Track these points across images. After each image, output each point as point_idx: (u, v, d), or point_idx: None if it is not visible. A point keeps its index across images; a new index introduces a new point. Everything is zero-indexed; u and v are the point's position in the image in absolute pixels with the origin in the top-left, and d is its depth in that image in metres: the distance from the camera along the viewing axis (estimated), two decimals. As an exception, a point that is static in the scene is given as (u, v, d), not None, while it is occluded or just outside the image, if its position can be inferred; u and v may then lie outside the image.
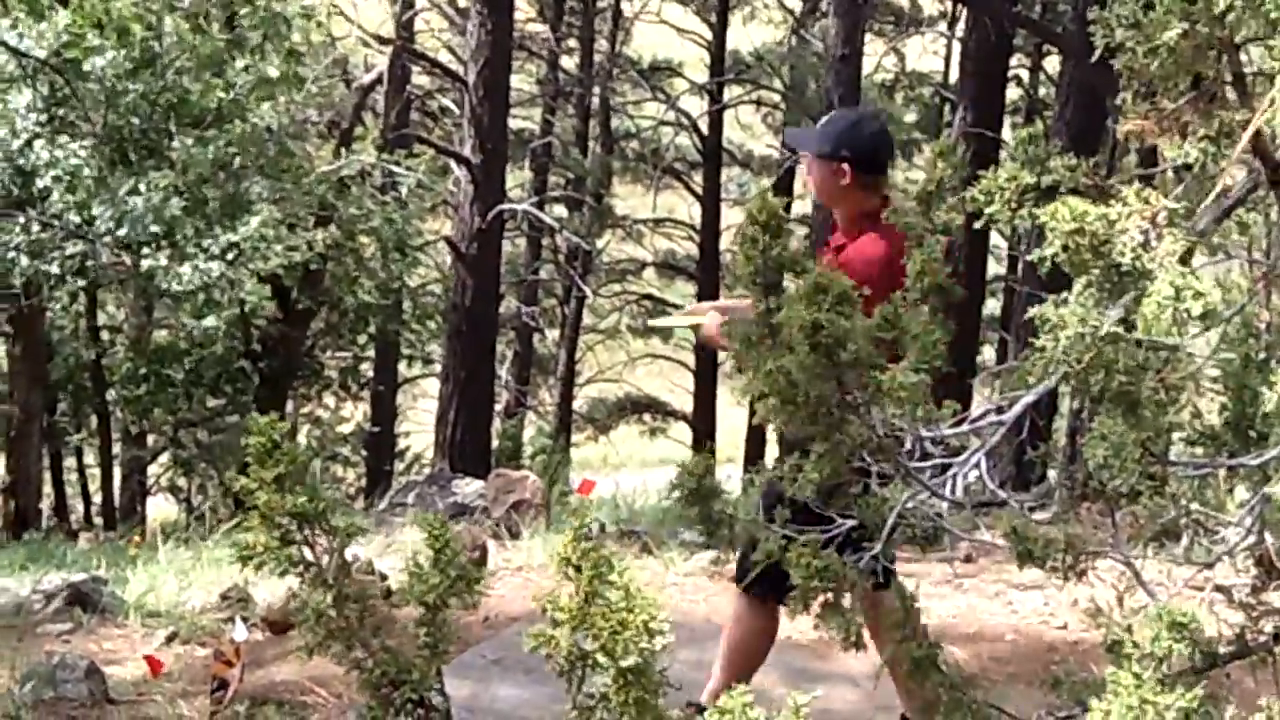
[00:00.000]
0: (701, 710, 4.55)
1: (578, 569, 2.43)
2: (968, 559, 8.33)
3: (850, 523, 4.17)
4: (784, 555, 4.23)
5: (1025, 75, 28.04)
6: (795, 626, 6.60)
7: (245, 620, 6.95)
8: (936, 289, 3.81)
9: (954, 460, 3.93)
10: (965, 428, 4.02)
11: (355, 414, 23.88)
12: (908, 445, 3.90)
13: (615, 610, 2.39)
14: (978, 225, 3.47)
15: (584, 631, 2.40)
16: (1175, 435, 3.26)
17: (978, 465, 3.88)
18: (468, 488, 11.52)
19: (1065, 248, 2.89)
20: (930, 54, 29.66)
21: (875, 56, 26.66)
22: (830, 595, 3.71)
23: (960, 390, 13.33)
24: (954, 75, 24.67)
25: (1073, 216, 2.86)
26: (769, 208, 3.33)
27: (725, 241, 26.99)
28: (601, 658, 2.38)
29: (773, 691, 4.78)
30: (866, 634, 4.09)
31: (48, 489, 18.87)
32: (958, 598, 7.70)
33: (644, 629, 2.38)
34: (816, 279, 3.29)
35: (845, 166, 4.98)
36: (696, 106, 28.84)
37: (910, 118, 30.45)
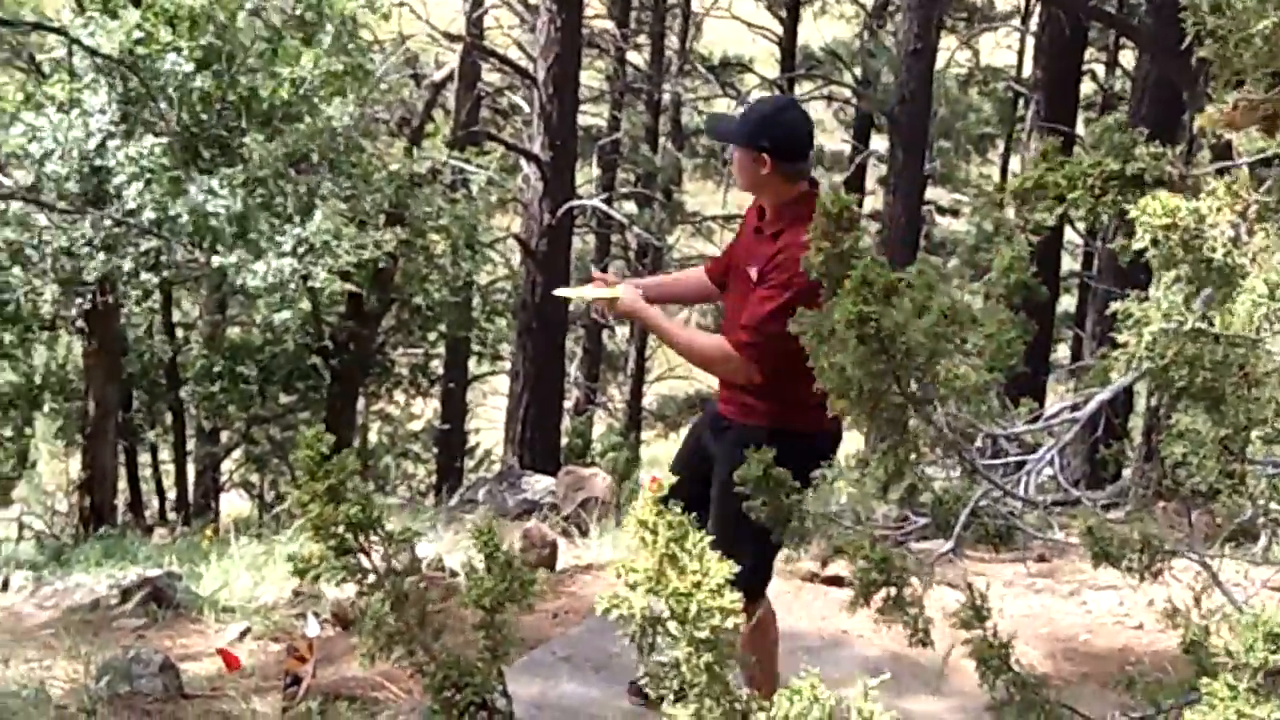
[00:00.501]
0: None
1: (654, 532, 2.42)
2: (1041, 559, 8.25)
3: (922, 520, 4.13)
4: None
5: (1100, 70, 27.78)
6: (864, 625, 6.57)
7: (317, 616, 6.98)
8: (1021, 287, 3.76)
9: (1027, 458, 3.89)
10: (1039, 425, 3.97)
11: (425, 411, 24.00)
12: (978, 442, 3.86)
13: (689, 574, 2.37)
14: (1058, 213, 3.43)
15: (658, 595, 2.39)
16: (1253, 434, 3.21)
17: (1051, 463, 3.84)
18: (537, 485, 11.54)
19: (1155, 241, 2.85)
20: (1004, 48, 29.45)
21: (948, 51, 26.49)
22: (892, 589, 3.67)
23: (1034, 388, 13.24)
24: (1028, 70, 24.47)
25: (1165, 211, 2.81)
26: (841, 201, 3.29)
27: (796, 238, 26.84)
28: (674, 626, 2.36)
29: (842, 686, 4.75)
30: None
31: (123, 485, 19.04)
32: (1031, 597, 7.63)
33: (717, 593, 2.36)
34: (864, 271, 3.25)
35: (765, 155, 4.98)
36: (767, 102, 28.72)
37: (985, 112, 30.24)
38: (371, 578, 3.14)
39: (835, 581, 7.46)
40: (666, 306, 5.69)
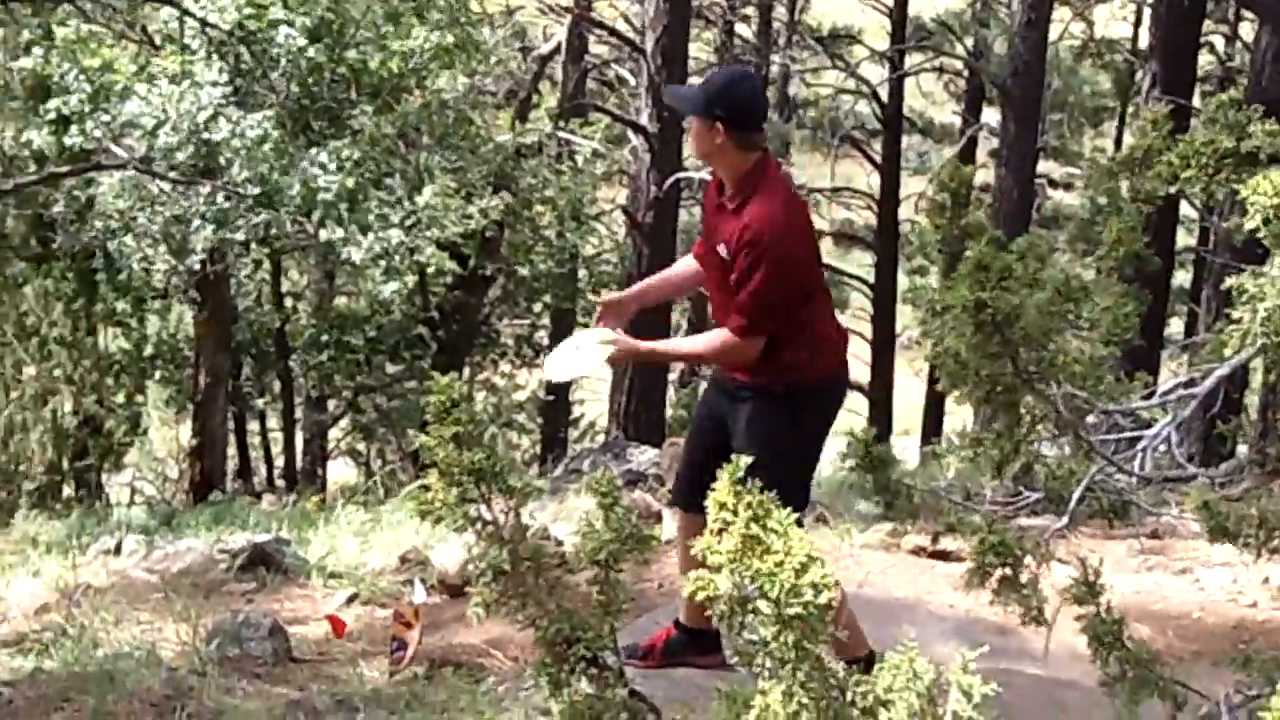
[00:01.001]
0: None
1: (734, 513, 2.41)
2: (1154, 535, 8.15)
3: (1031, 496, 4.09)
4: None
5: (1219, 42, 27.30)
6: (970, 600, 6.52)
7: (424, 583, 7.02)
8: (1133, 258, 3.71)
9: (1142, 434, 3.84)
10: (1154, 401, 3.92)
11: (530, 382, 24.05)
12: (1092, 418, 3.81)
13: (771, 553, 2.36)
14: (1171, 190, 3.38)
15: (743, 575, 2.38)
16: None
17: (1166, 439, 3.79)
18: (642, 456, 11.54)
19: (1266, 220, 2.79)
20: (1119, 19, 28.99)
21: (1062, 22, 26.13)
22: (1008, 570, 3.65)
23: (1148, 363, 13.03)
24: (1144, 41, 24.08)
25: (1276, 190, 2.76)
26: (959, 175, 3.26)
27: (905, 211, 26.68)
28: (763, 605, 2.35)
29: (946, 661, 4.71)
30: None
31: (232, 452, 19.27)
32: (1143, 574, 7.54)
33: (801, 570, 2.34)
34: (979, 256, 3.22)
35: (719, 125, 5.01)
36: (876, 74, 28.48)
37: (1099, 84, 29.83)
38: (490, 529, 3.15)
39: (943, 556, 7.41)
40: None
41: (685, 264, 5.77)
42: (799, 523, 5.05)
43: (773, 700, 2.36)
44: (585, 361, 5.35)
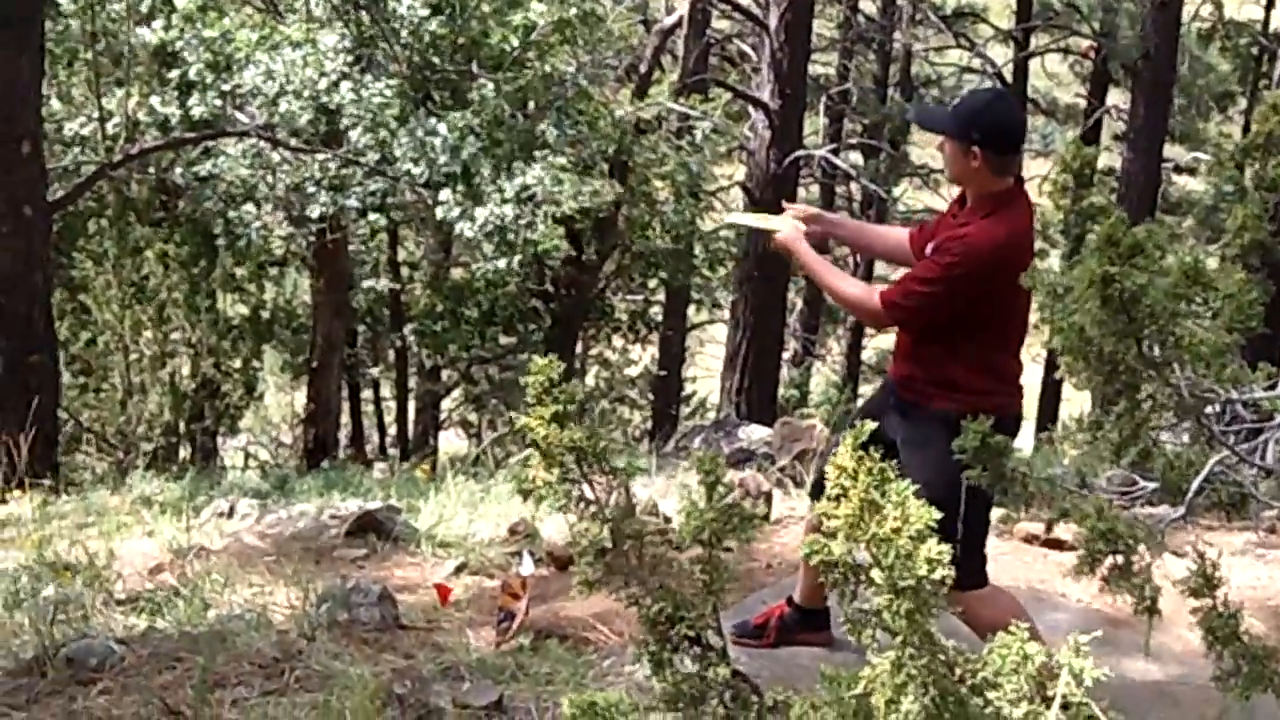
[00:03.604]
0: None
1: (854, 478, 2.38)
2: (1272, 529, 8.00)
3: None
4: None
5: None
6: (1082, 590, 6.43)
7: (532, 555, 7.04)
8: (1257, 246, 3.63)
9: (1265, 425, 3.75)
10: (1278, 391, 3.83)
11: (643, 357, 24.06)
12: (1215, 407, 3.73)
13: (890, 520, 2.33)
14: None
15: (859, 543, 2.35)
16: None
17: (1291, 432, 3.70)
18: (753, 434, 11.47)
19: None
20: (1252, 3, 28.43)
21: (1193, 5, 25.65)
22: (1119, 558, 3.58)
23: (1271, 354, 12.76)
24: (1275, 24, 23.59)
25: None
26: (1082, 155, 3.20)
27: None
28: (876, 574, 2.32)
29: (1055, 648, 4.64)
30: None
31: (345, 419, 19.45)
32: (1259, 568, 7.40)
33: (918, 539, 2.31)
34: (1109, 231, 3.16)
35: (976, 148, 4.94)
36: (1001, 54, 28.17)
37: (1225, 68, 29.30)
38: (593, 508, 3.15)
39: (1056, 545, 7.31)
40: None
41: (897, 232, 5.78)
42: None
43: (881, 671, 2.33)
44: (763, 221, 5.51)
